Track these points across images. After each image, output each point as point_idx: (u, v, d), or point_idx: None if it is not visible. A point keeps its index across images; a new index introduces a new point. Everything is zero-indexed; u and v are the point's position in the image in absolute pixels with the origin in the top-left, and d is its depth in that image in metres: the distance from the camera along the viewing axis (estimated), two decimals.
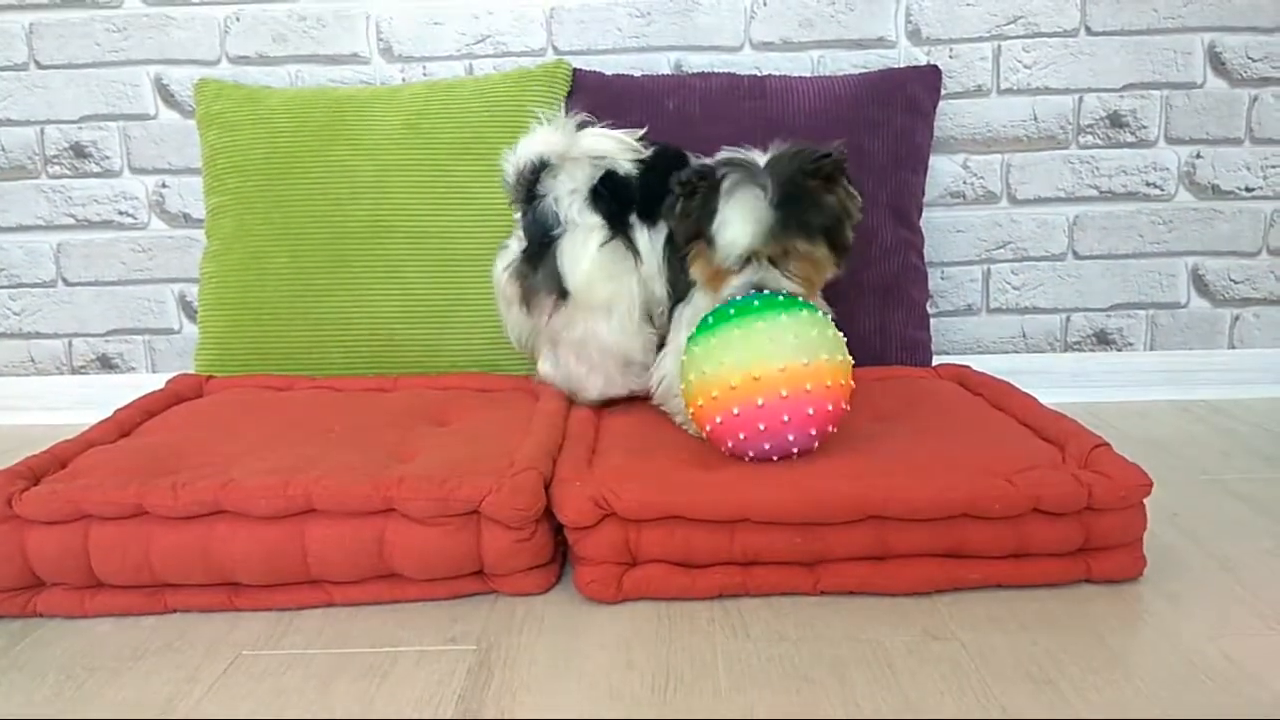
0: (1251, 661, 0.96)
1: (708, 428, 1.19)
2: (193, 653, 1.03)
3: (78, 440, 1.26)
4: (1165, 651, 0.99)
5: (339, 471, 1.13)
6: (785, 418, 1.13)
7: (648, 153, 1.41)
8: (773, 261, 1.22)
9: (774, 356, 1.13)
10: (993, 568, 1.10)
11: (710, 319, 1.21)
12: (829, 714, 0.89)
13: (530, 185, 1.40)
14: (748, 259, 1.22)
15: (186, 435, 1.30)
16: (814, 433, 1.15)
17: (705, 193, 1.22)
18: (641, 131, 1.44)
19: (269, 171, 1.65)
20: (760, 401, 1.13)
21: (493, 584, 1.13)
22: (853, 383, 1.19)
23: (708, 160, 1.27)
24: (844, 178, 1.24)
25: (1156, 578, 1.12)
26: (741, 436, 1.15)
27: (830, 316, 1.22)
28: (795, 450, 1.16)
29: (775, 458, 1.16)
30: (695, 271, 1.28)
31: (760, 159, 1.24)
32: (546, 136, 1.40)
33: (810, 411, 1.13)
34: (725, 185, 1.21)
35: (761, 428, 1.13)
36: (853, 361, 1.20)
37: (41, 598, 1.11)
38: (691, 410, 1.22)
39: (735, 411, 1.14)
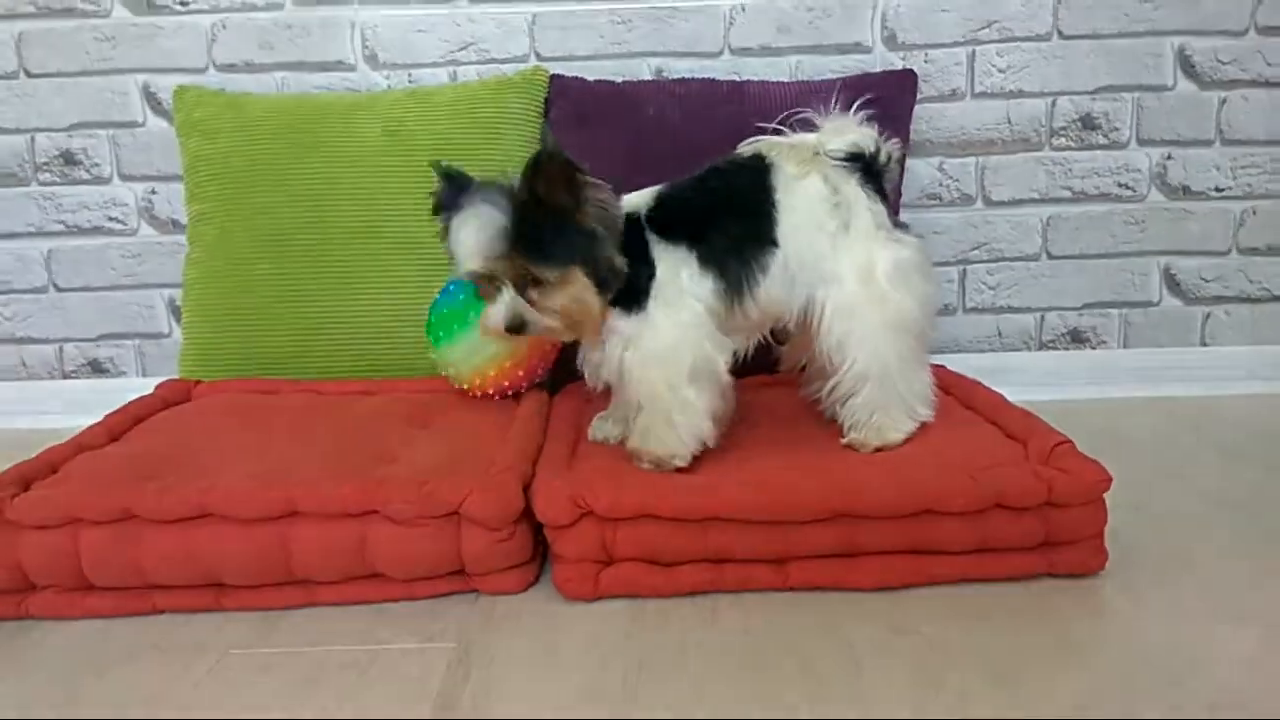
0: (1208, 655, 0.99)
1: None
2: (180, 652, 1.06)
3: (68, 445, 1.29)
4: (1124, 645, 1.02)
5: (322, 475, 1.16)
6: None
7: None
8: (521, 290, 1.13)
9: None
10: (957, 563, 1.13)
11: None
12: (795, 707, 0.92)
13: None
14: (493, 283, 1.14)
15: (174, 440, 1.33)
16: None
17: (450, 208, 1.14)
18: None
19: (250, 178, 1.66)
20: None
21: (473, 583, 1.16)
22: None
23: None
24: (573, 171, 1.08)
25: (1118, 572, 1.16)
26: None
27: None
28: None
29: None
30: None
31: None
32: None
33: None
34: (462, 200, 1.12)
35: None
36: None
37: (33, 599, 1.14)
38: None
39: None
